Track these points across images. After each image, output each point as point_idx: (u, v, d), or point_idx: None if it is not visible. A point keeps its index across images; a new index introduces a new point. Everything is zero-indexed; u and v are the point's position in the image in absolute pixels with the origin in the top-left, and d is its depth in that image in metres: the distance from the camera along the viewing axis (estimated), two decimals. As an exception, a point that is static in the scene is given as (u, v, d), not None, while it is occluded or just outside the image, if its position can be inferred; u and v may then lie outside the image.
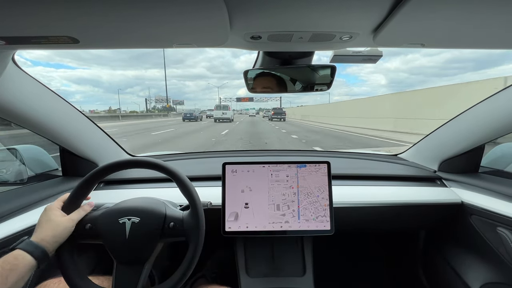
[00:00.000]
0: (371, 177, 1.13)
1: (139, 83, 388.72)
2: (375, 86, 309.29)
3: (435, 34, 0.61)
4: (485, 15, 0.51)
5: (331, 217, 0.89)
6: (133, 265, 0.65)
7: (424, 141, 1.27)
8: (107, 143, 1.21)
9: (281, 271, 1.01)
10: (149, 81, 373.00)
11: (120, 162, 0.71)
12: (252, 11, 0.52)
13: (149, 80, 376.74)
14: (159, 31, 0.58)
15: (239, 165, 0.91)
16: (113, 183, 1.09)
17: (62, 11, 0.47)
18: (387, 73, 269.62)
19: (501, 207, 0.85)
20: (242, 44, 0.69)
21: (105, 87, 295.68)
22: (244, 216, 0.89)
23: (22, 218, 0.80)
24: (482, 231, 0.91)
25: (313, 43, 0.68)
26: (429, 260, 1.20)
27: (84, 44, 0.61)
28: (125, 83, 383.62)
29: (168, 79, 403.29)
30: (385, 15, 0.52)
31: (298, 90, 0.90)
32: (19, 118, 0.84)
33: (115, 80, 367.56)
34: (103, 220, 0.67)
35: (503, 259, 0.84)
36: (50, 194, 0.94)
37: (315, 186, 0.90)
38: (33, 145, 1.20)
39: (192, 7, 0.47)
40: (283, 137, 10.34)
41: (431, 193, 1.04)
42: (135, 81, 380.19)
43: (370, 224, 1.06)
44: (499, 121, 0.91)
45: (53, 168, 1.18)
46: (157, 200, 0.73)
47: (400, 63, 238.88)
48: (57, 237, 0.60)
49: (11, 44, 0.61)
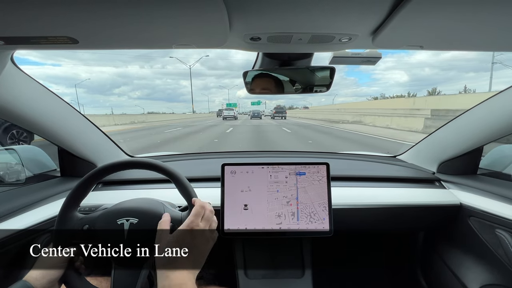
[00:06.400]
0: (370, 179, 1.13)
1: (126, 82, 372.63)
2: (387, 86, 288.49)
3: (433, 36, 0.61)
4: (483, 17, 0.51)
5: (330, 218, 0.89)
6: (131, 266, 0.65)
7: (423, 142, 1.28)
8: (105, 144, 1.21)
9: (279, 273, 1.00)
10: (138, 80, 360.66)
11: (119, 162, 0.71)
12: (251, 12, 0.52)
13: (137, 79, 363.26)
14: (158, 32, 0.58)
15: (238, 166, 0.91)
16: (112, 184, 1.09)
17: (61, 11, 0.47)
18: (410, 69, 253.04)
19: (499, 209, 0.85)
20: (241, 45, 0.69)
21: (86, 86, 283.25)
22: (243, 217, 0.88)
23: (19, 219, 0.79)
24: (480, 233, 0.91)
25: (312, 45, 0.68)
26: (427, 261, 1.20)
27: (84, 44, 0.61)
28: (111, 83, 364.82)
29: (160, 78, 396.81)
30: (384, 17, 0.52)
31: (298, 91, 0.91)
32: (18, 118, 0.84)
33: (96, 78, 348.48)
34: (101, 221, 0.66)
35: (502, 260, 0.84)
36: (48, 195, 0.94)
37: (314, 186, 0.90)
38: (31, 146, 1.19)
39: (191, 8, 0.47)
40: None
41: (430, 195, 1.04)
42: (121, 80, 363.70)
43: (369, 225, 1.06)
44: (498, 123, 0.92)
45: (52, 168, 1.18)
46: (156, 201, 0.73)
47: (428, 54, 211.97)
48: (45, 273, 0.59)
49: (10, 44, 0.61)
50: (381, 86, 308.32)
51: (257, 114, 36.92)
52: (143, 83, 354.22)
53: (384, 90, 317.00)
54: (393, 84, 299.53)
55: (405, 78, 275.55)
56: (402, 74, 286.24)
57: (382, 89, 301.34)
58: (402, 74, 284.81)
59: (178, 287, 0.49)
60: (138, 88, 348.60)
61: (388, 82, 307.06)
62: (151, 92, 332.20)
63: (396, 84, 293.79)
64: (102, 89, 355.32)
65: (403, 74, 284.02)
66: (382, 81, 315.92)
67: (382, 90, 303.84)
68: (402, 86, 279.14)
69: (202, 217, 0.61)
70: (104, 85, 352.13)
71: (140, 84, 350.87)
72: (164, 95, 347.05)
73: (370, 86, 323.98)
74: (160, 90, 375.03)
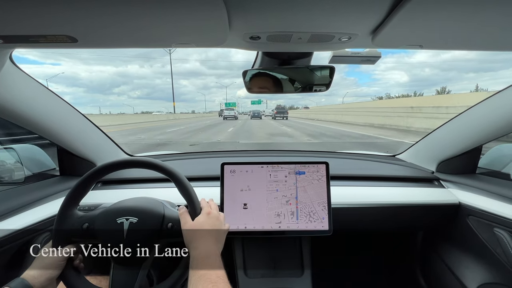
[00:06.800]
0: (369, 178, 1.13)
1: (125, 82, 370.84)
2: (387, 87, 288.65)
3: (433, 35, 0.61)
4: (483, 17, 0.51)
5: (329, 217, 0.89)
6: (131, 265, 0.65)
7: (422, 142, 1.28)
8: (105, 143, 1.21)
9: (279, 272, 1.01)
10: (138, 80, 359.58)
11: (118, 162, 0.71)
12: (251, 11, 0.52)
13: (137, 78, 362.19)
14: (158, 31, 0.58)
15: (238, 165, 0.91)
16: (111, 183, 1.09)
17: (61, 9, 0.47)
18: (410, 69, 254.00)
19: (498, 208, 0.86)
20: (241, 44, 0.69)
21: (86, 85, 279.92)
22: (243, 216, 0.89)
23: (19, 218, 0.79)
24: (479, 232, 0.92)
25: (312, 44, 0.68)
26: (426, 260, 1.20)
27: (83, 43, 0.61)
28: (110, 82, 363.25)
29: (160, 77, 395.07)
30: (383, 16, 0.52)
31: (297, 91, 0.91)
32: (16, 117, 0.83)
33: (96, 78, 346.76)
34: (101, 220, 0.66)
35: (500, 259, 0.84)
36: (47, 194, 0.94)
37: (313, 186, 0.90)
38: (31, 145, 1.19)
39: (191, 7, 0.47)
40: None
41: (429, 194, 1.04)
42: (121, 80, 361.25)
43: (368, 224, 1.06)
44: (497, 122, 0.92)
45: (51, 167, 1.18)
46: (156, 200, 0.73)
47: (428, 55, 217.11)
48: (43, 271, 0.59)
49: (8, 43, 0.61)
50: (381, 86, 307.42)
51: (257, 114, 37.27)
52: (143, 83, 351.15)
53: (384, 90, 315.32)
54: (393, 84, 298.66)
55: (405, 78, 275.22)
56: (402, 75, 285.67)
57: (382, 89, 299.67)
58: (402, 75, 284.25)
59: (206, 256, 0.56)
60: (138, 87, 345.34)
61: (388, 82, 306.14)
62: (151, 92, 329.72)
63: (396, 84, 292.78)
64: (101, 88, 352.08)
65: (403, 74, 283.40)
66: (382, 81, 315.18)
67: (382, 90, 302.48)
68: (402, 86, 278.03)
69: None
70: (103, 84, 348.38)
71: (140, 83, 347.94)
72: (164, 95, 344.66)
73: (370, 86, 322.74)
74: (160, 90, 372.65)
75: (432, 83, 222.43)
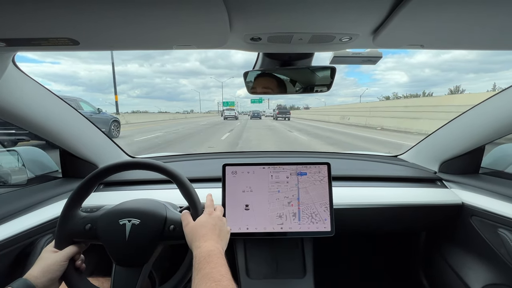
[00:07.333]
0: (371, 178, 1.13)
1: (125, 81, 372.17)
2: (387, 87, 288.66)
3: (434, 35, 0.61)
4: (484, 16, 0.51)
5: (331, 218, 0.88)
6: (132, 267, 0.65)
7: (424, 142, 1.27)
8: (107, 145, 1.21)
9: (281, 273, 1.00)
10: (138, 79, 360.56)
11: (120, 163, 0.71)
12: (252, 13, 0.52)
13: (137, 77, 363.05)
14: (159, 33, 0.58)
15: (239, 167, 0.91)
16: (113, 185, 1.09)
17: (62, 12, 0.47)
18: (410, 70, 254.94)
19: (501, 208, 0.85)
20: (242, 45, 0.69)
21: (85, 84, 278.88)
22: (244, 217, 0.88)
23: (22, 220, 0.80)
24: (482, 232, 0.91)
25: (313, 45, 0.68)
26: (429, 261, 1.19)
27: (84, 45, 0.62)
28: (110, 81, 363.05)
29: (159, 77, 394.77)
30: (384, 16, 0.52)
31: (298, 91, 0.91)
32: (20, 119, 0.84)
33: (95, 77, 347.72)
34: (103, 221, 0.67)
35: (504, 260, 0.84)
36: (50, 196, 0.94)
37: (315, 187, 0.90)
38: (33, 147, 1.20)
39: (192, 9, 0.47)
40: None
41: (432, 194, 1.04)
42: (121, 79, 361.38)
43: (370, 225, 1.06)
44: (500, 122, 0.91)
45: (53, 169, 1.18)
46: (158, 202, 0.73)
47: (428, 56, 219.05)
48: (45, 272, 0.59)
49: (11, 46, 0.62)
50: (381, 86, 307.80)
51: (257, 115, 37.72)
52: (143, 82, 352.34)
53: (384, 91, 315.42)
54: (393, 84, 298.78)
55: (405, 78, 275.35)
56: (402, 75, 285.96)
57: (382, 90, 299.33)
58: (402, 75, 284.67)
59: (207, 253, 0.56)
60: (137, 86, 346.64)
61: (388, 82, 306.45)
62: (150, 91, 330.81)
63: (396, 84, 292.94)
64: (101, 87, 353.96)
65: (403, 74, 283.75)
66: (382, 82, 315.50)
67: (382, 91, 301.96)
68: (402, 86, 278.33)
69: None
70: (103, 83, 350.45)
71: (140, 82, 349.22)
72: (164, 94, 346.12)
73: (370, 86, 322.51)
74: (159, 89, 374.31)
75: (432, 83, 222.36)
